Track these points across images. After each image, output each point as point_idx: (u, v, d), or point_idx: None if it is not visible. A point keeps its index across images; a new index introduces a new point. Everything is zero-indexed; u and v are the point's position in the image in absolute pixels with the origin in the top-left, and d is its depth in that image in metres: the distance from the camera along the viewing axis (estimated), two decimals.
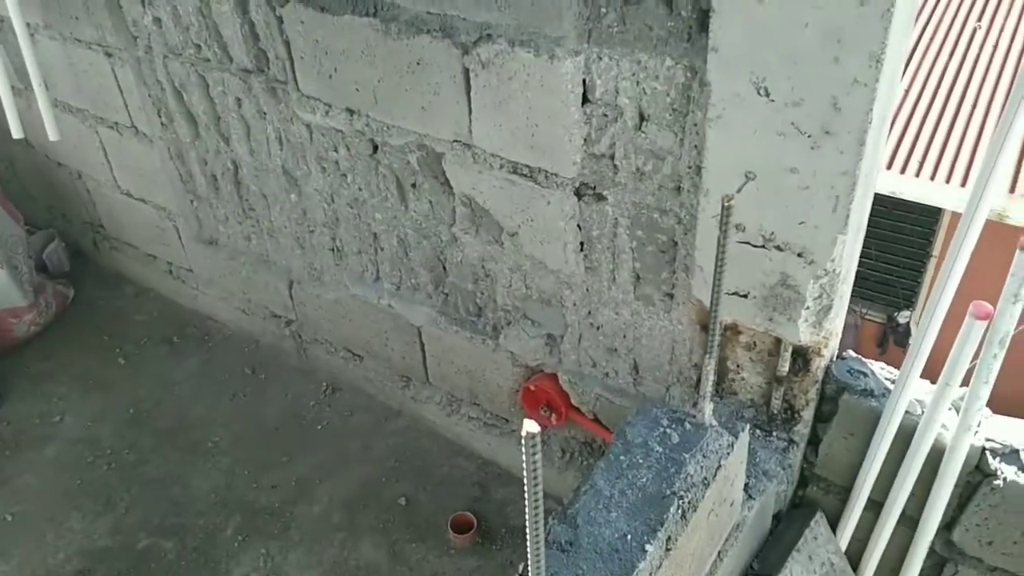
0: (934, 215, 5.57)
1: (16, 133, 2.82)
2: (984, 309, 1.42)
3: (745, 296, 1.65)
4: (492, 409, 2.55)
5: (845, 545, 1.93)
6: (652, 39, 1.52)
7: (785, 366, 1.72)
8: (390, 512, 2.51)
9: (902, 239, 5.80)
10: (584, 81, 1.65)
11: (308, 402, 2.87)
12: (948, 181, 4.97)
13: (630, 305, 1.94)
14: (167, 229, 3.06)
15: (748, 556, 1.75)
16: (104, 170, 3.09)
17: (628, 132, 1.67)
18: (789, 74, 1.34)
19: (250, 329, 3.11)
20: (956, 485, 1.67)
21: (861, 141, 1.33)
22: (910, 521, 1.80)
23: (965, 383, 1.58)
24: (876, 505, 1.82)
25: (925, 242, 5.79)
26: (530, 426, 0.77)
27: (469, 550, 2.41)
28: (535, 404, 2.31)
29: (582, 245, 1.92)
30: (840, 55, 1.28)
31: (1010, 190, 4.83)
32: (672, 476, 1.30)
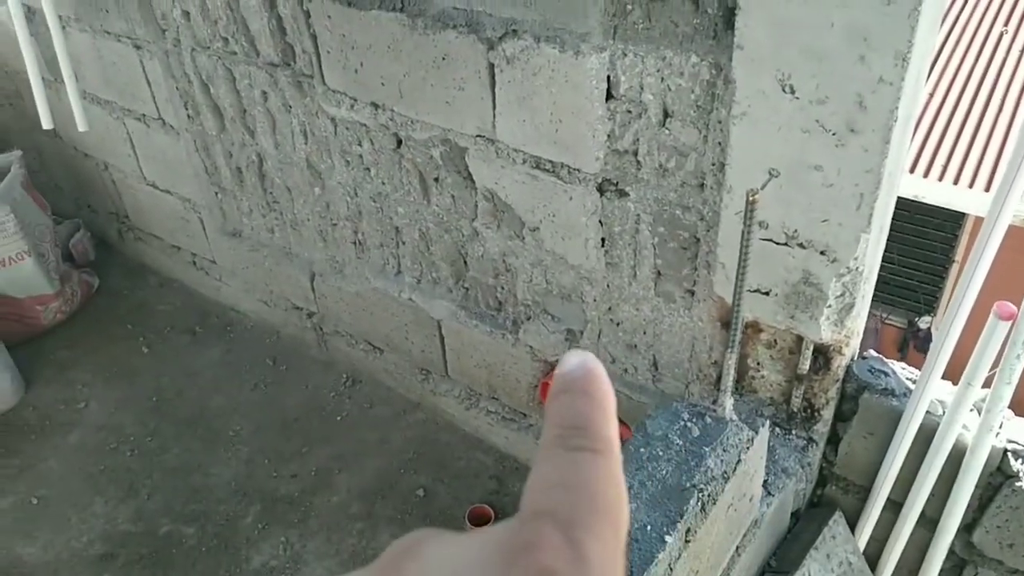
0: (957, 220, 5.52)
1: (46, 124, 2.87)
2: (1008, 309, 1.42)
3: (767, 294, 1.65)
4: (511, 403, 2.57)
5: (863, 545, 1.93)
6: (678, 36, 1.53)
7: (806, 364, 1.72)
8: (408, 503, 2.53)
9: (924, 243, 5.75)
10: (609, 77, 1.66)
11: (328, 393, 2.90)
12: (971, 185, 4.93)
13: (650, 301, 1.95)
14: (191, 220, 3.10)
15: (766, 553, 1.75)
16: (130, 161, 3.14)
17: (652, 128, 1.67)
18: (814, 72, 1.34)
19: (272, 320, 3.14)
20: (977, 486, 1.67)
21: (886, 139, 1.33)
22: (929, 522, 1.79)
23: (987, 384, 1.58)
24: (895, 505, 1.82)
25: (947, 247, 5.74)
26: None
27: None
28: None
29: (603, 241, 1.93)
30: (866, 53, 1.28)
31: None
32: (692, 469, 1.30)
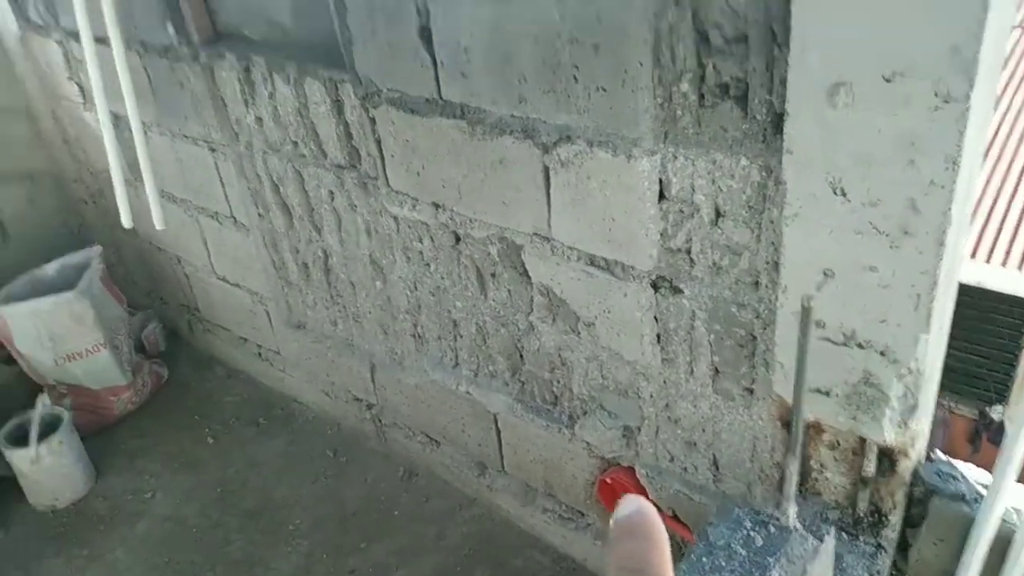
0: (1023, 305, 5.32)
1: (126, 223, 3.03)
2: None
3: (827, 394, 1.62)
4: (567, 501, 2.53)
5: None
6: (727, 140, 1.56)
7: (871, 467, 1.67)
8: None
9: (992, 330, 5.54)
10: (660, 179, 1.70)
11: (386, 486, 2.91)
12: None
13: (709, 399, 1.93)
14: (258, 313, 3.21)
15: None
16: (202, 256, 3.29)
17: (704, 228, 1.69)
18: (864, 176, 1.35)
19: (333, 412, 3.19)
20: None
21: (940, 241, 1.32)
22: None
23: None
24: None
25: (1016, 333, 5.52)
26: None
27: None
28: (612, 498, 2.28)
29: (659, 337, 1.93)
30: (916, 158, 1.29)
31: None
32: None
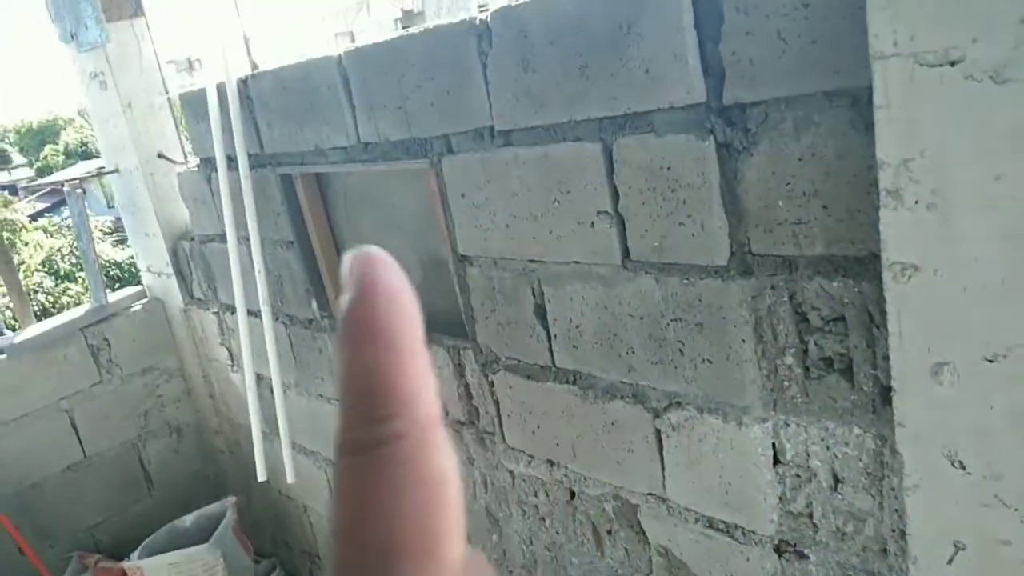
0: None
1: (261, 476, 3.25)
2: None
3: None
4: None
5: None
6: (837, 409, 1.61)
7: None
8: None
9: None
10: (774, 444, 1.74)
11: None
12: None
13: None
14: None
15: None
16: (326, 505, 3.43)
17: (823, 492, 1.70)
18: (982, 449, 1.37)
19: None
20: None
21: None
22: None
23: None
24: None
25: None
26: None
27: None
28: None
29: None
30: None
31: None
32: None
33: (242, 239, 3.01)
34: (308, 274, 2.91)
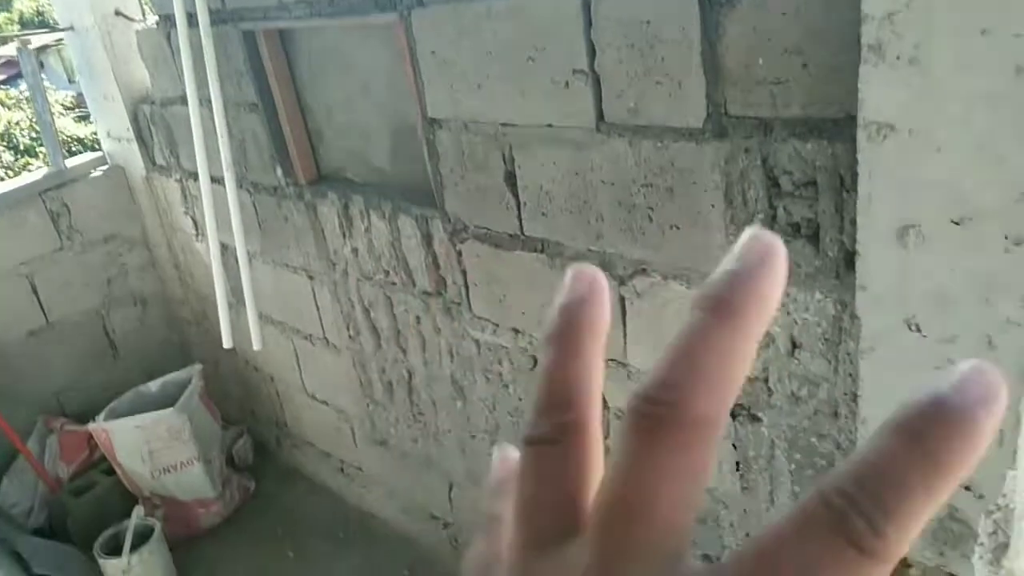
0: None
1: (227, 344, 3.25)
2: None
3: None
4: None
5: None
6: (800, 275, 1.63)
7: None
8: None
9: None
10: None
11: None
12: None
13: None
14: (343, 430, 3.33)
15: None
16: (294, 375, 3.46)
17: (781, 358, 1.74)
18: (940, 313, 1.39)
19: (409, 529, 3.23)
20: None
21: (1022, 378, 1.34)
22: None
23: None
24: None
25: None
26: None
27: None
28: None
29: (738, 465, 1.94)
30: (990, 296, 1.33)
31: None
32: None
33: (204, 101, 2.90)
34: (273, 139, 2.82)
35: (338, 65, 2.63)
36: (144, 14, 3.46)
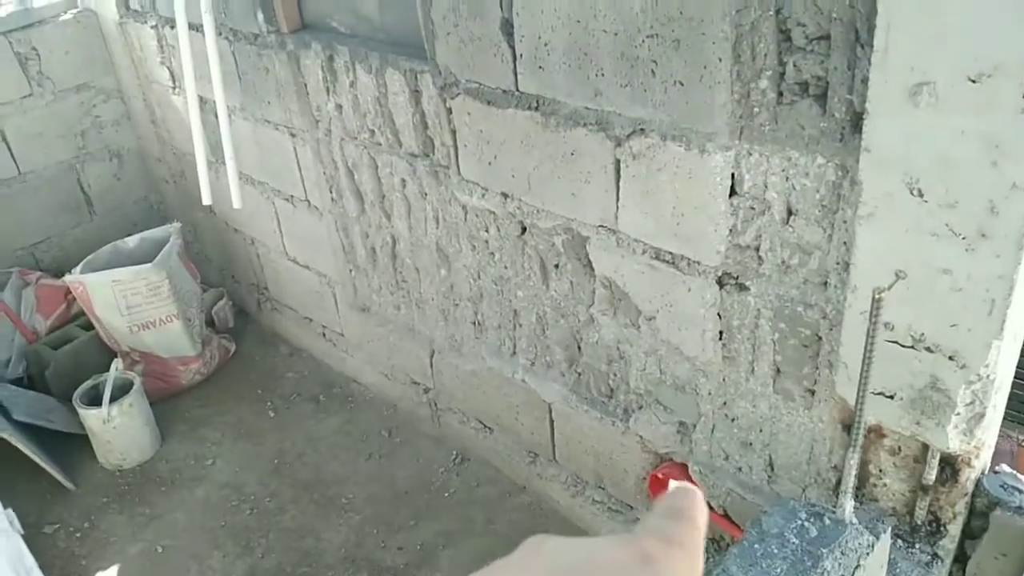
0: None
1: (206, 200, 3.17)
2: None
3: (891, 397, 1.61)
4: (617, 494, 2.55)
5: None
6: (804, 138, 1.57)
7: (932, 474, 1.66)
8: None
9: None
10: (733, 175, 1.71)
11: (438, 469, 2.97)
12: None
13: (768, 399, 1.93)
14: (325, 295, 3.31)
15: None
16: (275, 238, 3.40)
17: (775, 225, 1.71)
18: (944, 176, 1.35)
19: (390, 394, 3.27)
20: None
21: (1020, 245, 1.32)
22: None
23: None
24: None
25: None
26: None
27: None
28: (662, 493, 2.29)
29: (721, 334, 1.94)
30: (998, 160, 1.28)
31: None
32: (807, 570, 1.28)
33: None
34: None
35: None
36: None
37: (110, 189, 3.81)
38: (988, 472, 1.70)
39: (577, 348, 2.40)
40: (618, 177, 1.94)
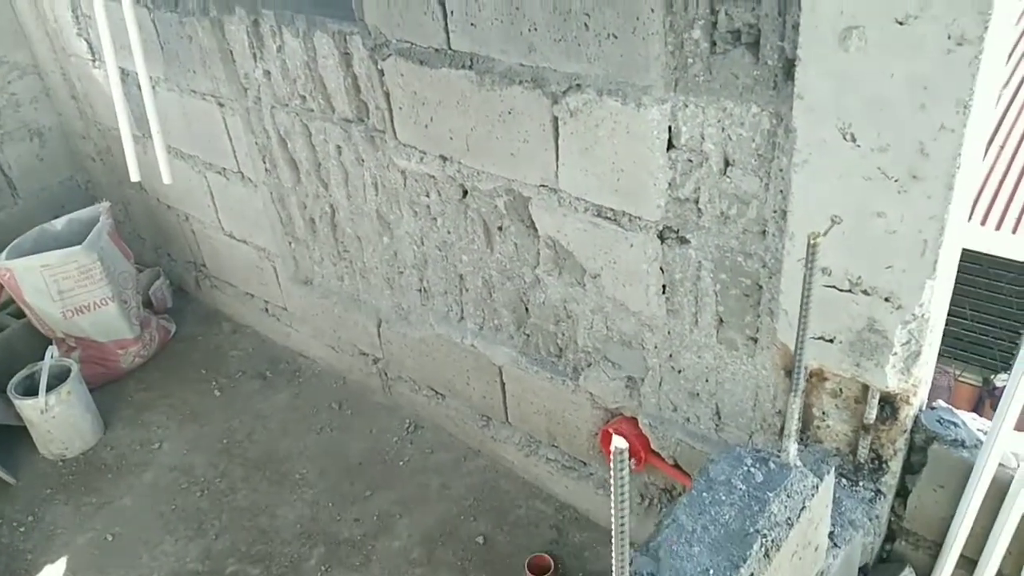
0: None
1: (134, 176, 3.05)
2: None
3: (831, 341, 1.64)
4: (570, 451, 2.57)
5: None
6: (738, 87, 1.57)
7: (872, 414, 1.70)
8: (468, 550, 2.54)
9: (999, 299, 5.54)
10: (670, 128, 1.71)
11: (391, 438, 2.95)
12: None
13: (712, 349, 1.96)
14: (265, 269, 3.24)
15: None
16: (209, 213, 3.30)
17: (713, 177, 1.71)
18: (875, 120, 1.36)
19: (338, 366, 3.23)
20: None
21: (949, 186, 1.34)
22: None
23: None
24: (969, 563, 1.76)
25: (1023, 301, 5.53)
26: (619, 442, 0.81)
27: None
28: None
29: (664, 288, 1.95)
30: (927, 102, 1.30)
31: None
32: (755, 514, 1.30)
33: None
34: None
35: None
36: None
37: (32, 170, 3.64)
38: (925, 408, 1.76)
39: (524, 310, 2.39)
40: (556, 135, 1.92)
